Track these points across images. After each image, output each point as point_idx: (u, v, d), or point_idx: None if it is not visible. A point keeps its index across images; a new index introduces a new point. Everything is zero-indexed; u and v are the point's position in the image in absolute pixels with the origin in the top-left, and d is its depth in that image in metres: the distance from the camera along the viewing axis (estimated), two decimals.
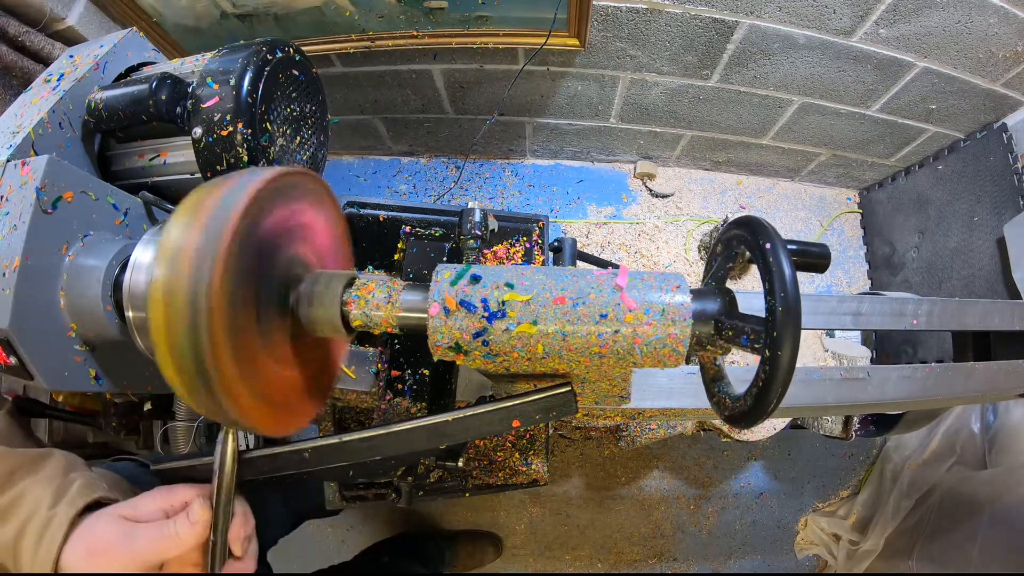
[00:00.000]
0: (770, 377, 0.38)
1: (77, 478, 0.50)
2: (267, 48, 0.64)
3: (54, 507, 0.46)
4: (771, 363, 0.38)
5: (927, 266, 1.71)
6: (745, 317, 0.42)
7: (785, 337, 0.37)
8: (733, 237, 0.46)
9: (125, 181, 0.70)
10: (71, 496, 0.47)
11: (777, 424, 1.20)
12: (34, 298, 0.52)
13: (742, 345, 0.41)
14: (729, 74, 1.49)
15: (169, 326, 0.35)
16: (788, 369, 0.38)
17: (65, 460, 0.52)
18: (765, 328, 0.38)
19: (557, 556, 1.81)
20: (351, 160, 2.01)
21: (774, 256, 0.39)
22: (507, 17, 1.34)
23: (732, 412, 0.44)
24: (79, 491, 0.48)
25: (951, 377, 0.86)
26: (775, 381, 0.38)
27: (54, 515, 0.46)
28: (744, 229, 0.43)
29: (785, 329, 0.37)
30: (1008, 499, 1.21)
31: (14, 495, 0.47)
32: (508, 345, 0.43)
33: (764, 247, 0.40)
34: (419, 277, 0.82)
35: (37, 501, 0.47)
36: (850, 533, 1.70)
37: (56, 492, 0.48)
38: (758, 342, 0.40)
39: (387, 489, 0.84)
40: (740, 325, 0.41)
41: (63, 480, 0.49)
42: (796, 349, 0.38)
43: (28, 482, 0.48)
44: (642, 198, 1.97)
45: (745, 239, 0.43)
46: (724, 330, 0.42)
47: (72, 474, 0.50)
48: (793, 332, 0.37)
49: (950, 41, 1.29)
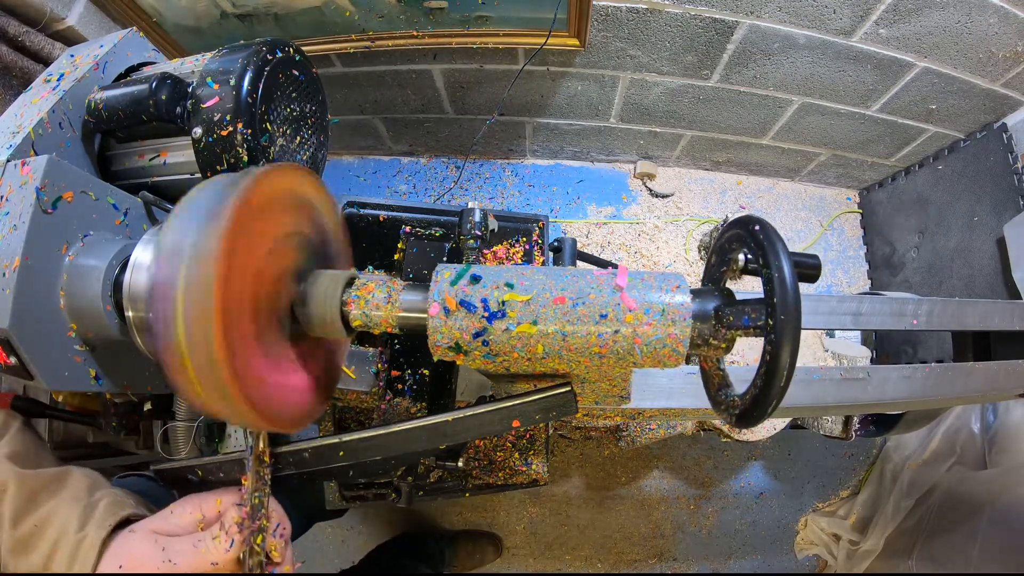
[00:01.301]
0: (770, 377, 0.38)
1: (103, 497, 0.49)
2: (267, 48, 0.64)
3: (83, 529, 0.45)
4: (771, 363, 0.38)
5: (927, 266, 1.71)
6: (744, 301, 0.42)
7: (785, 337, 0.37)
8: (733, 237, 0.46)
9: (125, 181, 0.70)
10: (99, 517, 0.46)
11: (777, 424, 1.20)
12: (34, 298, 0.52)
13: (743, 327, 0.41)
14: (729, 74, 1.49)
15: (171, 325, 0.35)
16: (788, 369, 0.38)
17: (88, 478, 0.51)
18: (765, 307, 0.38)
19: (557, 556, 1.81)
20: (351, 160, 2.01)
21: (774, 256, 0.39)
22: (507, 17, 1.34)
23: (732, 412, 0.44)
24: (107, 510, 0.47)
25: (951, 377, 0.86)
26: (775, 381, 0.38)
27: (84, 536, 0.45)
28: (743, 229, 0.43)
29: (785, 329, 0.37)
30: (1008, 499, 1.21)
31: (39, 519, 0.46)
32: (508, 345, 0.43)
33: (764, 247, 0.40)
34: (419, 277, 0.83)
35: (64, 524, 0.45)
36: (850, 533, 1.70)
37: (83, 513, 0.46)
38: (759, 320, 0.40)
39: (387, 489, 0.84)
40: (740, 308, 0.42)
41: (88, 500, 0.48)
42: (796, 349, 0.38)
43: (52, 505, 0.47)
44: (642, 198, 1.97)
45: (745, 239, 0.43)
46: (724, 316, 0.42)
47: (97, 493, 0.49)
48: (793, 332, 0.37)
49: (950, 41, 1.29)
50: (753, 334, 0.41)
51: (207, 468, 0.52)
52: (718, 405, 0.47)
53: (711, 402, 0.50)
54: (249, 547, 0.45)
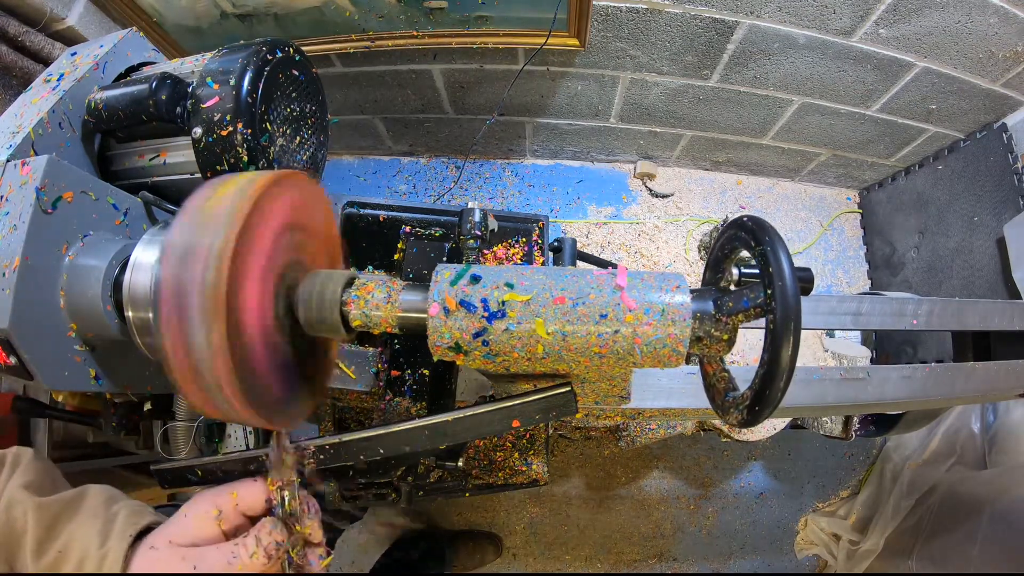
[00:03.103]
0: (770, 377, 0.38)
1: (120, 508, 0.47)
2: (267, 48, 0.64)
3: (104, 545, 0.44)
4: (771, 363, 0.38)
5: (927, 266, 1.71)
6: (741, 286, 0.42)
7: (785, 337, 0.37)
8: (732, 237, 0.46)
9: (125, 181, 0.70)
10: (119, 529, 0.45)
11: (777, 424, 1.20)
12: (34, 298, 0.52)
13: (743, 309, 0.41)
14: (729, 74, 1.48)
15: (174, 326, 0.35)
16: (788, 368, 0.38)
17: (104, 493, 0.50)
18: (763, 285, 0.38)
19: (557, 556, 1.81)
20: (351, 160, 2.01)
21: (773, 256, 0.39)
22: (507, 17, 1.34)
23: (741, 411, 0.44)
24: (126, 521, 0.46)
25: (951, 377, 0.86)
26: (775, 380, 0.38)
27: (107, 552, 0.43)
28: (743, 229, 0.43)
29: (785, 329, 0.37)
30: (1008, 499, 1.21)
31: (62, 545, 0.45)
32: (508, 345, 0.43)
33: (763, 247, 0.40)
34: (419, 277, 0.83)
35: (86, 543, 0.44)
36: (850, 533, 1.70)
37: (103, 529, 0.45)
38: (759, 298, 0.40)
39: (387, 489, 0.84)
40: (739, 292, 0.42)
41: (106, 514, 0.47)
42: (796, 349, 0.38)
43: (72, 527, 0.46)
44: (642, 198, 1.97)
45: (744, 239, 0.43)
46: (724, 304, 0.42)
47: (114, 506, 0.48)
48: (793, 332, 0.37)
49: (950, 41, 1.29)
50: (754, 315, 0.41)
51: (207, 468, 0.52)
52: (725, 410, 0.47)
53: (711, 402, 0.50)
54: (288, 559, 0.44)
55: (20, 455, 0.52)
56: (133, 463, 1.26)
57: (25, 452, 0.53)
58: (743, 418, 0.43)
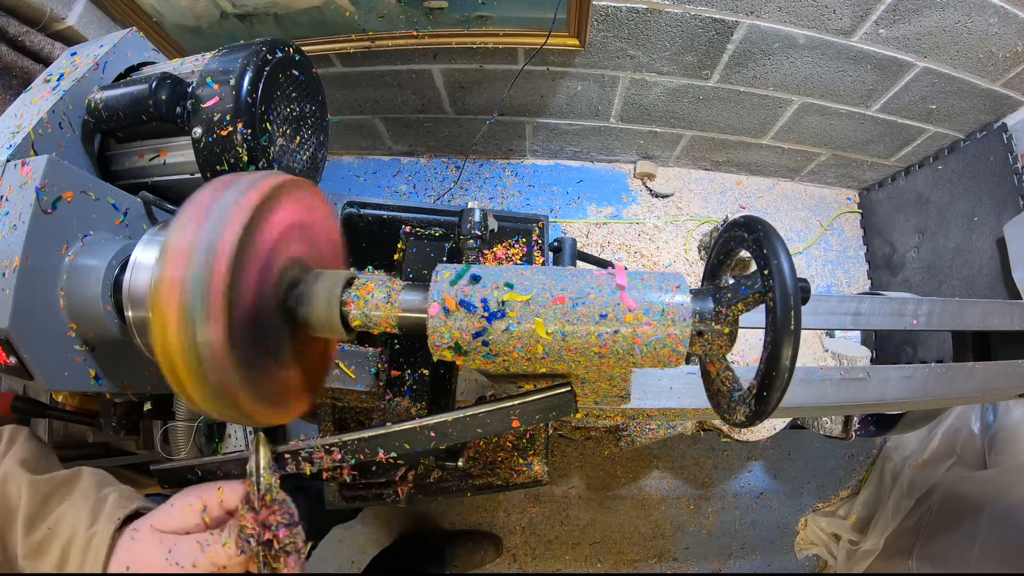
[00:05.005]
0: (770, 376, 0.38)
1: (111, 492, 0.49)
2: (267, 48, 0.64)
3: (93, 526, 0.45)
4: (771, 362, 0.38)
5: (927, 266, 1.71)
6: (739, 277, 0.42)
7: (785, 337, 0.37)
8: (732, 237, 0.46)
9: (125, 181, 0.70)
10: (108, 511, 0.46)
11: (777, 424, 1.20)
12: (34, 298, 0.52)
13: (743, 297, 0.41)
14: (729, 74, 1.48)
15: (172, 324, 0.35)
16: (788, 368, 0.38)
17: (96, 476, 0.51)
18: (760, 272, 0.38)
19: (557, 556, 1.81)
20: (351, 160, 2.01)
21: (774, 255, 0.39)
22: (507, 17, 1.34)
23: (740, 408, 0.44)
24: (115, 504, 0.47)
25: (951, 377, 0.86)
26: (775, 380, 0.38)
27: (94, 533, 0.44)
28: (743, 229, 0.43)
29: (785, 328, 0.37)
30: (1008, 499, 1.21)
31: (52, 522, 0.46)
32: (508, 345, 0.43)
33: (763, 247, 0.40)
34: (419, 277, 0.82)
35: (75, 523, 0.45)
36: (850, 533, 1.70)
37: (92, 510, 0.46)
38: (756, 283, 0.40)
39: (387, 489, 0.84)
40: (736, 284, 0.42)
41: (97, 497, 0.48)
42: (796, 348, 0.38)
43: (64, 507, 0.47)
44: (642, 198, 1.97)
45: (744, 239, 0.43)
46: (723, 296, 0.42)
47: (105, 489, 0.49)
48: (793, 332, 0.37)
49: (950, 41, 1.29)
50: (753, 302, 0.41)
51: (207, 468, 0.52)
52: (732, 409, 0.46)
53: (711, 401, 0.50)
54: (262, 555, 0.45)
55: (17, 432, 0.53)
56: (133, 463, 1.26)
57: (21, 430, 0.54)
58: (752, 410, 0.43)
